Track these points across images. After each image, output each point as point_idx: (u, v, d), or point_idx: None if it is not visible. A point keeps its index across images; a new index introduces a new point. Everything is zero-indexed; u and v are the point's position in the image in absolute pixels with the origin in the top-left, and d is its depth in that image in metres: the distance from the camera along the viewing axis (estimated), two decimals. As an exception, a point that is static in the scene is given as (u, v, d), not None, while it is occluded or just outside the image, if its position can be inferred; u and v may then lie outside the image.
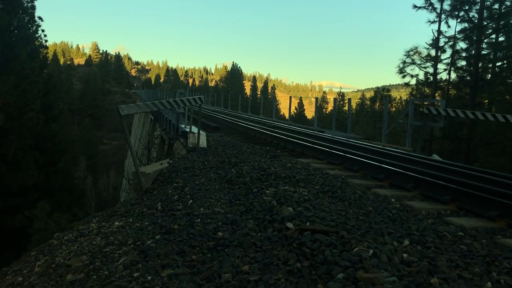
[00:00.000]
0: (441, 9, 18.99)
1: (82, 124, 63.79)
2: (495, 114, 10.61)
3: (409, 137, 12.59)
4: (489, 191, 5.11)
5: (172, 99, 9.53)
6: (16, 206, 16.10)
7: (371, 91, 75.75)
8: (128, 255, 3.49)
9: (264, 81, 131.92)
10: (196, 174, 6.93)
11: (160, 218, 4.58)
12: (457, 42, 18.92)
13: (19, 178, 15.63)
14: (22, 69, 16.20)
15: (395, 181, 6.23)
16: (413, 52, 19.56)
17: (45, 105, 18.95)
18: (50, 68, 30.48)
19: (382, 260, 2.85)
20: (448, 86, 19.48)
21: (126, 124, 7.80)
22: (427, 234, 3.62)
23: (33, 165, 16.08)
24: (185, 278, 2.82)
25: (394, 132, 22.71)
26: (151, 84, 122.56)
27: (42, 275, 3.91)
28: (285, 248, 3.19)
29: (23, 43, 17.01)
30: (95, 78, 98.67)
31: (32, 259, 4.92)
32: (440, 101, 14.77)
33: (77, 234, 5.03)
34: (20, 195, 16.23)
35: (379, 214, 4.33)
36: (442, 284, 2.59)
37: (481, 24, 17.28)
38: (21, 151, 15.72)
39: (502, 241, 3.75)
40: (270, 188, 5.04)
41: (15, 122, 15.45)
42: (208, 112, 25.29)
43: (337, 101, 21.83)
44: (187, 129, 10.63)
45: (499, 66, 18.00)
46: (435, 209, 4.89)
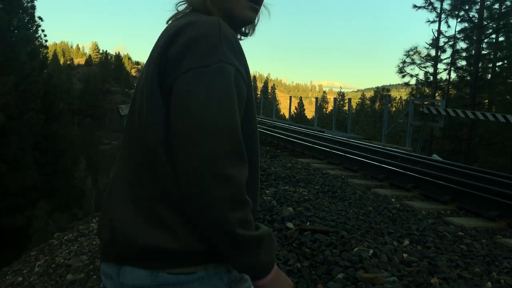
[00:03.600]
0: (441, 9, 19.00)
1: (82, 124, 63.81)
2: (495, 114, 10.62)
3: (409, 137, 12.60)
4: (489, 191, 5.12)
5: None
6: (16, 206, 16.10)
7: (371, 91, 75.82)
8: (128, 255, 3.49)
9: (264, 81, 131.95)
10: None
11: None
12: (457, 42, 18.93)
13: (19, 178, 15.63)
14: (22, 69, 16.21)
15: (395, 181, 6.23)
16: (413, 52, 19.56)
17: (45, 105, 18.93)
18: (50, 68, 30.49)
19: (382, 260, 2.85)
20: (448, 86, 19.48)
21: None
22: (427, 234, 3.62)
23: (33, 165, 16.09)
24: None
25: (394, 132, 22.73)
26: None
27: (42, 275, 3.91)
28: (285, 248, 3.19)
29: (23, 43, 17.02)
30: (95, 78, 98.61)
31: (32, 259, 4.93)
32: (440, 101, 14.80)
33: (77, 234, 5.04)
34: (20, 195, 16.23)
35: (379, 214, 4.33)
36: (442, 284, 2.59)
37: (481, 24, 17.28)
38: (21, 151, 15.72)
39: (502, 241, 3.76)
40: (270, 188, 5.04)
41: (15, 122, 15.45)
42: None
43: (337, 101, 21.84)
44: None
45: (499, 66, 18.00)
46: (435, 209, 4.89)
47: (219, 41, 0.84)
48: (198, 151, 0.78)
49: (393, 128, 19.61)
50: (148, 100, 0.87)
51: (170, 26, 0.93)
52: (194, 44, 0.83)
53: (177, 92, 0.82)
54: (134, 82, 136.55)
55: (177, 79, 0.82)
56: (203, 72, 0.81)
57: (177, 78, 0.83)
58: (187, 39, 0.84)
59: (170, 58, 0.85)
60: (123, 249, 0.87)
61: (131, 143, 0.92)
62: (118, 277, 0.88)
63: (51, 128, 19.50)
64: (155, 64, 0.87)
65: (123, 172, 0.94)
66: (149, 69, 0.89)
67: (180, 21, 0.90)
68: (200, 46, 0.83)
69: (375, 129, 32.79)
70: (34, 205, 15.21)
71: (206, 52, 0.83)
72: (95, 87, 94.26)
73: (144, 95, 0.89)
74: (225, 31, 0.86)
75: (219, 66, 0.82)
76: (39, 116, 16.58)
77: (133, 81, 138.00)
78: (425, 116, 11.96)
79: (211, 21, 0.87)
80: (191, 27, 0.86)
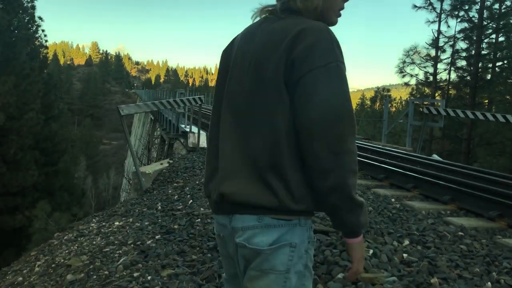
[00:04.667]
0: (441, 9, 18.98)
1: (82, 124, 63.76)
2: (495, 114, 10.61)
3: (409, 137, 12.60)
4: (489, 191, 5.11)
5: (172, 99, 9.53)
6: (16, 206, 16.10)
7: (371, 91, 75.77)
8: (128, 255, 3.49)
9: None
10: (196, 174, 6.94)
11: (160, 218, 4.58)
12: (457, 42, 18.92)
13: (19, 178, 15.63)
14: (22, 69, 16.20)
15: (395, 181, 6.23)
16: (413, 52, 19.54)
17: (45, 105, 18.93)
18: (50, 68, 30.47)
19: (382, 260, 2.85)
20: (448, 86, 19.47)
21: (126, 124, 7.81)
22: (427, 234, 3.61)
23: (33, 165, 16.08)
24: (185, 278, 2.82)
25: (394, 132, 22.72)
26: (151, 84, 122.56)
27: (42, 275, 3.91)
28: (285, 248, 3.19)
29: (23, 43, 17.01)
30: (95, 78, 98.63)
31: (32, 259, 4.93)
32: (440, 101, 14.79)
33: (77, 234, 5.04)
34: (20, 195, 16.23)
35: (379, 214, 4.33)
36: (442, 284, 2.59)
37: (481, 24, 17.27)
38: (21, 151, 15.72)
39: (502, 241, 3.75)
40: (270, 188, 5.03)
41: (15, 122, 15.44)
42: (208, 112, 25.26)
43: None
44: (187, 129, 10.63)
45: (499, 66, 17.99)
46: (435, 209, 4.89)
47: (332, 44, 1.09)
48: (332, 131, 1.05)
49: (393, 128, 19.61)
50: (272, 90, 1.11)
51: (281, 27, 1.15)
52: (315, 47, 1.07)
53: (307, 85, 1.07)
54: (134, 82, 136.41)
55: (305, 75, 1.07)
56: (326, 70, 1.06)
57: (305, 75, 1.07)
58: (309, 43, 1.08)
59: (296, 58, 1.08)
60: (235, 204, 1.16)
61: (249, 123, 1.15)
62: (230, 223, 1.19)
63: (51, 128, 19.50)
64: (279, 62, 1.10)
65: (237, 145, 1.17)
66: (264, 64, 1.13)
67: (290, 23, 1.14)
68: (320, 48, 1.07)
69: (375, 129, 32.78)
70: (34, 205, 15.21)
71: (325, 54, 1.07)
72: (95, 87, 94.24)
73: (262, 85, 1.13)
74: (334, 36, 1.12)
75: (336, 64, 1.08)
76: (39, 116, 16.57)
77: (133, 81, 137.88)
78: (425, 116, 11.95)
79: (323, 27, 1.12)
80: (309, 32, 1.09)
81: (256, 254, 1.15)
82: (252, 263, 1.17)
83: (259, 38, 1.19)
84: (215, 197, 1.22)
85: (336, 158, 1.05)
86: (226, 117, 1.21)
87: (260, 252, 1.14)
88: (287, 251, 1.15)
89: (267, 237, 1.14)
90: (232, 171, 1.17)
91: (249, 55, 1.18)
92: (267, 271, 1.15)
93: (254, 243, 1.14)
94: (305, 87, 1.06)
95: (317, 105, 1.05)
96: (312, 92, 1.05)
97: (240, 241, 1.16)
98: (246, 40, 1.23)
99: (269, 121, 1.12)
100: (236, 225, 1.17)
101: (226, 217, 1.20)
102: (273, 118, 1.11)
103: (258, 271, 1.17)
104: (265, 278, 1.16)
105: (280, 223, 1.14)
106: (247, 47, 1.21)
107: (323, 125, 1.04)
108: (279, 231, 1.14)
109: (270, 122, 1.11)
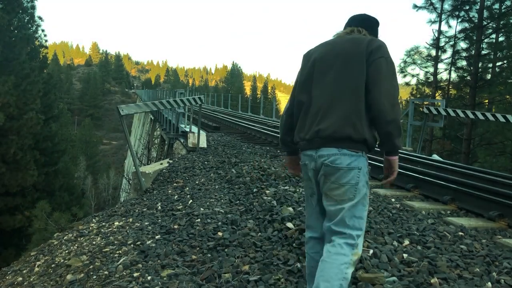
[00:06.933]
0: (441, 9, 18.96)
1: (82, 124, 63.70)
2: (495, 114, 10.60)
3: (409, 137, 12.58)
4: (489, 191, 5.11)
5: (172, 99, 9.52)
6: (16, 206, 16.09)
7: (371, 91, 75.39)
8: (128, 255, 3.49)
9: (264, 81, 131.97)
10: (196, 174, 6.93)
11: (160, 218, 4.57)
12: (458, 42, 18.90)
13: (19, 178, 15.62)
14: (22, 69, 16.17)
15: (395, 180, 6.21)
16: (414, 52, 19.53)
17: (45, 105, 18.93)
18: (50, 68, 30.47)
19: (382, 260, 2.85)
20: (449, 86, 19.45)
21: (126, 124, 7.80)
22: (427, 234, 3.61)
23: (33, 165, 16.06)
24: (185, 278, 2.82)
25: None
26: (151, 84, 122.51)
27: (42, 275, 3.91)
28: (285, 248, 3.19)
29: (23, 43, 16.98)
30: (95, 78, 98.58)
31: (32, 259, 4.92)
32: (440, 101, 14.75)
33: (77, 234, 5.03)
34: (20, 195, 16.22)
35: (379, 214, 4.33)
36: (442, 284, 2.59)
37: (481, 24, 17.25)
38: (21, 151, 15.70)
39: (502, 241, 3.75)
40: (270, 188, 5.04)
41: (15, 122, 15.43)
42: (208, 112, 25.28)
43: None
44: (187, 129, 10.63)
45: (499, 66, 17.97)
46: (435, 209, 4.89)
47: (386, 47, 2.03)
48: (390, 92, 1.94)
49: (393, 128, 19.49)
50: (357, 69, 1.98)
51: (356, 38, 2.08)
52: (380, 48, 2.01)
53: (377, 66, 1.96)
54: (134, 82, 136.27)
55: (375, 60, 1.97)
56: (386, 60, 1.99)
57: (375, 60, 1.97)
58: (377, 45, 2.01)
59: (373, 50, 1.99)
60: (326, 139, 1.97)
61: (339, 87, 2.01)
62: (316, 153, 2.00)
63: (51, 128, 19.49)
64: (364, 51, 1.99)
65: (328, 99, 2.02)
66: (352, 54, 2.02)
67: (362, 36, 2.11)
68: (382, 49, 2.01)
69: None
70: (34, 205, 15.19)
71: (385, 51, 2.00)
72: (95, 87, 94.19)
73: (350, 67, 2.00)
74: (385, 43, 2.05)
75: (391, 58, 2.01)
76: (39, 116, 16.54)
77: (133, 81, 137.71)
78: (425, 116, 11.94)
79: (379, 39, 2.09)
80: (375, 41, 2.05)
81: (336, 170, 1.92)
82: (332, 178, 1.94)
83: (343, 42, 2.09)
84: (309, 136, 2.02)
85: (395, 112, 1.93)
86: (320, 83, 2.07)
87: (340, 169, 1.92)
88: (356, 172, 1.93)
89: (345, 160, 1.93)
90: (327, 116, 1.99)
91: (335, 51, 2.07)
92: (344, 184, 1.92)
93: (336, 163, 1.93)
94: (376, 65, 1.96)
95: (383, 75, 1.95)
96: (380, 69, 1.95)
97: (327, 162, 1.95)
98: (328, 45, 2.14)
99: (355, 84, 1.96)
100: (323, 153, 1.97)
101: (313, 150, 2.01)
102: (357, 82, 1.95)
103: (337, 184, 1.93)
104: (342, 189, 1.93)
105: (352, 153, 1.93)
106: (332, 47, 2.11)
107: (388, 93, 1.93)
108: (351, 158, 1.93)
109: (355, 85, 1.96)
